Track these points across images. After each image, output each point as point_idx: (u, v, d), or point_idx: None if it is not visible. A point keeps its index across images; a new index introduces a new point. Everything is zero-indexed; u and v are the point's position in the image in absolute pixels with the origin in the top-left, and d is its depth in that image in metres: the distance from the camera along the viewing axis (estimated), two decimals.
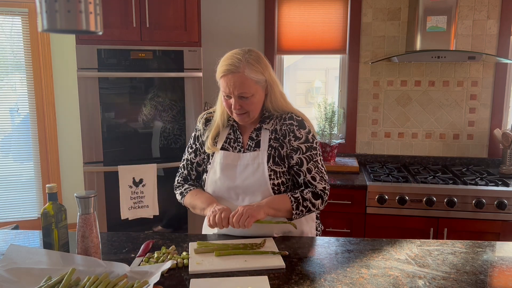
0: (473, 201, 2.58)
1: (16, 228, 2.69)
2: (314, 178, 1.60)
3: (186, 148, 1.77)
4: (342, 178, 2.84)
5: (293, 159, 1.60)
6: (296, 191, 1.60)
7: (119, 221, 2.76)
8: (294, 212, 1.55)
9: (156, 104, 2.83)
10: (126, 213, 2.76)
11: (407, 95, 3.21)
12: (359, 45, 3.19)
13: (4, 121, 3.56)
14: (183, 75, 2.80)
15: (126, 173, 2.75)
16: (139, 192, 2.76)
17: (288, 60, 3.51)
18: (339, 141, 3.20)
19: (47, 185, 1.37)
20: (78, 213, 1.32)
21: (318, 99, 3.36)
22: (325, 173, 1.64)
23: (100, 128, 2.75)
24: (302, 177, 1.60)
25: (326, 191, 1.61)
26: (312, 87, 3.76)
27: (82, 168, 2.77)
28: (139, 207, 2.79)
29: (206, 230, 1.77)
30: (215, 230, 1.70)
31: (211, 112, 1.73)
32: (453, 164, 3.19)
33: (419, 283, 1.26)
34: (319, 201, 1.59)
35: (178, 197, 1.76)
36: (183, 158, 1.77)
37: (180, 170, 1.78)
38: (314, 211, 1.61)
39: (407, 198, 2.63)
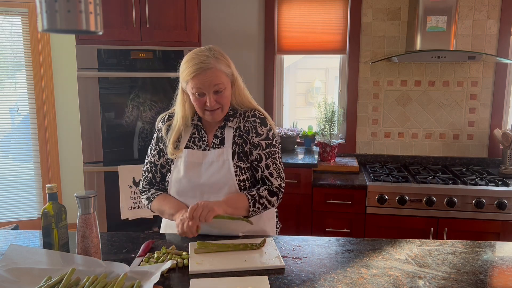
0: (473, 201, 2.58)
1: (16, 228, 2.69)
2: (271, 174, 1.63)
3: (149, 150, 1.72)
4: (342, 178, 2.84)
5: (252, 155, 1.63)
6: (253, 189, 1.62)
7: (119, 221, 2.76)
8: (251, 209, 1.57)
9: (156, 104, 2.83)
10: (126, 213, 2.76)
11: (407, 95, 3.20)
12: (359, 45, 3.19)
13: (4, 121, 3.56)
14: None
15: (126, 173, 2.75)
16: (139, 192, 2.76)
17: (288, 60, 3.51)
18: (339, 141, 3.20)
19: (47, 185, 1.36)
20: (78, 213, 1.32)
21: (318, 99, 3.36)
22: (282, 171, 1.67)
23: (100, 128, 2.75)
24: (260, 173, 1.63)
25: (282, 189, 1.65)
26: (312, 87, 3.76)
27: (82, 168, 2.77)
28: (139, 207, 2.79)
29: (165, 229, 1.75)
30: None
31: (172, 114, 1.69)
32: (453, 164, 3.19)
33: (419, 283, 1.26)
34: (274, 198, 1.62)
35: (145, 202, 1.71)
36: (146, 161, 1.72)
37: (144, 174, 1.73)
38: (269, 207, 1.63)
39: (407, 198, 2.63)
